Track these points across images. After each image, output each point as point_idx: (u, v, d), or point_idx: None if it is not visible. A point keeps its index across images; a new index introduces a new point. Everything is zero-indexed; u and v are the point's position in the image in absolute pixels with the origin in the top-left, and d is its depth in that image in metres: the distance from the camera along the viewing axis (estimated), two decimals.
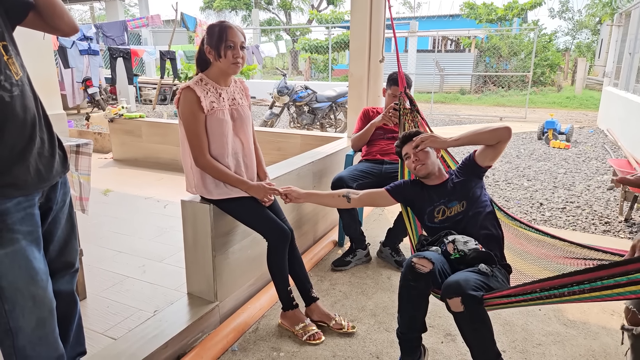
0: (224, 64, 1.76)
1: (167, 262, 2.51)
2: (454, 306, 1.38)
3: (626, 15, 8.16)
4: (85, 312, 1.99)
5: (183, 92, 1.76)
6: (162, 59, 8.89)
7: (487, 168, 1.84)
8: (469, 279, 1.40)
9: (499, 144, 1.74)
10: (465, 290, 1.36)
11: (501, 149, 1.76)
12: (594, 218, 3.59)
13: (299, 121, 7.01)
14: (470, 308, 1.36)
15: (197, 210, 1.93)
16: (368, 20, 3.35)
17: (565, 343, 1.91)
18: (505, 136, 1.73)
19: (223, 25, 1.75)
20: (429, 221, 1.85)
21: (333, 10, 21.03)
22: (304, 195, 2.01)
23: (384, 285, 2.42)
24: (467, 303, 1.35)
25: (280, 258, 1.93)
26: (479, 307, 1.37)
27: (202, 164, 1.80)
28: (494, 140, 1.74)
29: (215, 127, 1.79)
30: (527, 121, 9.17)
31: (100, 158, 5.19)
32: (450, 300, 1.38)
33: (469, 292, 1.35)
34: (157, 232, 2.95)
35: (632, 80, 7.12)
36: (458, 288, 1.37)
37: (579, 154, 5.96)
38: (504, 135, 1.73)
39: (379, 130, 2.78)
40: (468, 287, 1.37)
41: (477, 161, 1.81)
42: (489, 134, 1.74)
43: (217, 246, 1.96)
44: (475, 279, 1.42)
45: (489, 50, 15.07)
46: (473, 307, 1.36)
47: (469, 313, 1.37)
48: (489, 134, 1.74)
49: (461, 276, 1.42)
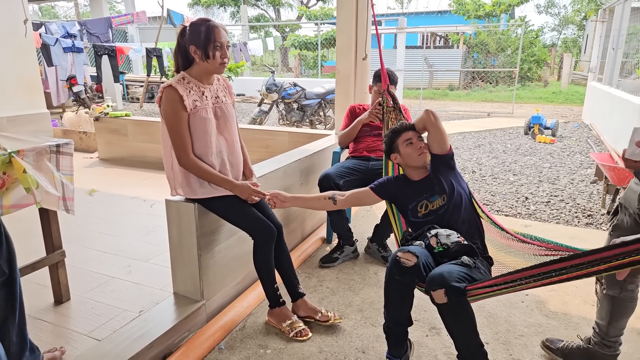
0: (212, 65, 1.75)
1: (153, 262, 2.49)
2: (437, 298, 1.40)
3: (610, 11, 8.28)
4: (69, 314, 1.98)
5: (165, 90, 1.74)
6: (149, 56, 8.78)
7: (449, 154, 1.88)
8: (452, 271, 1.43)
9: (429, 128, 1.84)
10: (448, 282, 1.38)
11: (437, 130, 1.84)
12: (577, 211, 3.65)
13: (288, 118, 7.00)
14: (454, 299, 1.38)
15: (181, 210, 1.92)
16: (354, 18, 3.35)
17: (547, 334, 1.95)
18: (426, 118, 1.84)
19: (209, 25, 1.73)
20: (413, 216, 1.87)
21: (322, 6, 20.96)
22: (290, 199, 2.01)
23: (371, 280, 2.44)
24: (451, 295, 1.38)
25: (267, 256, 1.93)
26: (462, 298, 1.39)
27: (186, 163, 1.79)
28: (420, 127, 1.87)
29: (198, 125, 1.78)
30: (514, 116, 9.28)
31: (85, 158, 5.12)
32: (434, 292, 1.40)
33: (453, 284, 1.37)
34: (143, 232, 2.93)
35: (615, 75, 7.24)
36: (442, 280, 1.39)
37: (563, 149, 6.05)
38: (424, 118, 1.85)
39: (366, 127, 2.79)
40: (451, 279, 1.39)
41: (433, 151, 1.88)
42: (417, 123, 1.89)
43: (203, 245, 1.95)
44: (458, 271, 1.44)
45: (477, 46, 15.17)
46: (456, 298, 1.38)
47: (452, 304, 1.39)
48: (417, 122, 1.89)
49: (445, 269, 1.44)
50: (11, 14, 3.67)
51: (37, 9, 24.46)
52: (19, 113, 3.79)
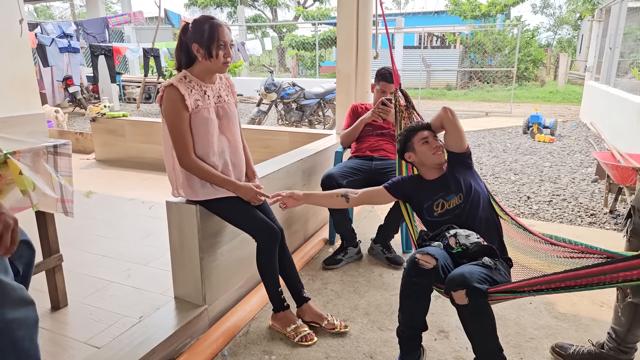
0: (215, 64, 1.71)
1: (153, 265, 2.43)
2: (458, 299, 1.35)
3: (606, 11, 8.29)
4: (66, 321, 1.92)
5: (166, 89, 1.69)
6: (146, 56, 8.71)
7: (467, 153, 1.86)
8: (474, 271, 1.38)
9: (447, 125, 1.81)
10: (470, 282, 1.33)
11: (455, 128, 1.81)
12: (580, 210, 3.62)
13: (287, 118, 6.95)
14: (475, 301, 1.34)
15: (183, 212, 1.87)
16: (355, 16, 3.31)
17: (557, 336, 1.91)
18: (444, 116, 1.82)
19: (213, 23, 1.68)
20: (429, 215, 1.82)
21: (319, 7, 20.93)
22: (304, 197, 1.98)
23: (376, 283, 2.39)
24: (472, 296, 1.33)
25: (270, 259, 1.88)
26: (484, 300, 1.35)
27: (187, 164, 1.74)
28: (437, 125, 1.85)
29: (200, 125, 1.73)
30: (513, 116, 9.27)
31: (82, 159, 5.05)
32: (455, 292, 1.35)
33: (474, 285, 1.33)
34: (143, 235, 2.87)
35: (612, 74, 7.24)
36: (463, 280, 1.35)
37: (563, 148, 6.04)
38: (442, 116, 1.81)
39: (368, 126, 2.75)
40: (473, 279, 1.34)
41: (450, 150, 1.86)
42: (434, 121, 1.88)
43: (205, 248, 1.90)
44: (479, 271, 1.40)
45: (474, 46, 15.19)
46: (478, 299, 1.34)
47: (473, 306, 1.35)
48: (434, 121, 1.88)
49: (465, 269, 1.40)
50: (6, 13, 3.60)
51: (33, 10, 24.29)
52: (14, 114, 3.72)
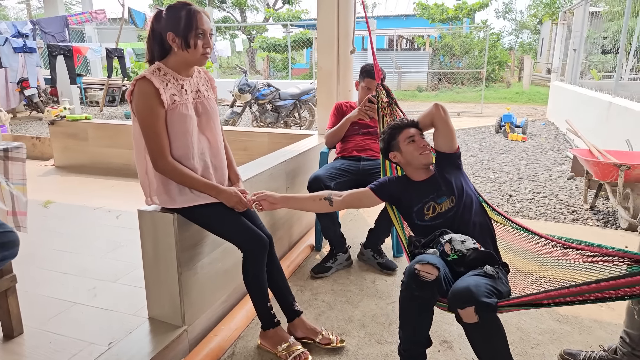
0: (193, 55, 1.52)
1: (122, 282, 2.19)
2: (467, 317, 1.22)
3: (570, 14, 8.58)
4: (22, 352, 1.66)
5: (138, 83, 1.49)
6: (109, 57, 8.27)
7: (457, 153, 1.77)
8: (480, 284, 1.25)
9: (438, 123, 1.72)
10: (478, 297, 1.20)
11: (447, 127, 1.72)
12: (562, 207, 3.63)
13: (262, 120, 6.74)
14: (485, 317, 1.21)
15: (158, 222, 1.66)
16: (336, 12, 3.18)
17: (562, 340, 1.83)
18: (435, 113, 1.71)
19: (191, 9, 1.49)
20: (419, 219, 1.70)
21: (289, 9, 20.78)
22: (281, 200, 1.79)
23: (369, 291, 2.25)
24: (482, 312, 1.20)
25: (259, 271, 1.70)
26: (494, 315, 1.23)
27: (163, 167, 1.54)
28: (427, 122, 1.75)
29: (177, 123, 1.53)
30: (483, 116, 9.45)
31: (39, 166, 4.65)
32: (463, 310, 1.22)
33: (483, 300, 1.20)
34: (110, 248, 2.60)
35: (577, 75, 7.50)
36: (470, 296, 1.21)
37: (536, 146, 6.15)
38: (434, 113, 1.72)
39: (354, 125, 2.61)
40: (480, 293, 1.21)
41: (440, 150, 1.76)
42: (423, 118, 1.76)
43: (183, 261, 1.70)
44: (485, 283, 1.27)
45: (443, 48, 15.49)
46: (488, 315, 1.21)
47: (484, 323, 1.22)
48: (423, 118, 1.77)
49: (470, 282, 1.27)
50: None
51: None
52: None
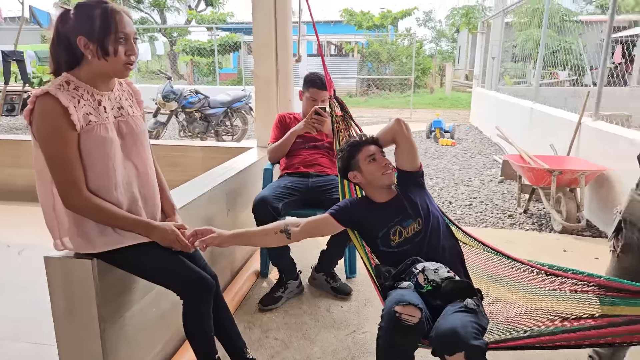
0: (113, 64, 1.21)
1: (26, 339, 1.76)
2: None
3: (488, 24, 9.26)
4: None
5: (39, 100, 1.14)
6: (6, 60, 7.18)
7: (420, 171, 1.67)
8: (466, 324, 1.13)
9: (400, 140, 1.63)
10: (468, 341, 1.08)
11: (409, 144, 1.63)
12: (498, 212, 3.78)
13: (191, 130, 6.27)
14: None
15: (71, 270, 1.32)
16: (273, 16, 2.96)
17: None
18: (397, 129, 1.63)
19: (107, 8, 1.19)
20: (384, 245, 1.56)
21: (213, 11, 20.02)
22: (230, 239, 1.54)
23: (326, 321, 2.06)
24: (473, 356, 1.08)
25: (204, 319, 1.43)
26: (484, 357, 1.11)
27: (75, 203, 1.21)
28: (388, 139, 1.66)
29: (94, 148, 1.21)
30: (413, 121, 9.81)
31: None
32: (452, 357, 1.08)
33: (472, 343, 1.08)
34: (9, 292, 2.12)
35: (497, 81, 8.11)
36: (458, 340, 1.08)
37: (465, 150, 6.46)
38: (396, 129, 1.64)
39: (299, 139, 2.42)
40: (469, 336, 1.09)
41: (402, 168, 1.65)
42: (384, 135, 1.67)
43: (107, 315, 1.37)
44: (470, 321, 1.15)
45: (370, 55, 15.98)
46: (478, 359, 1.09)
47: None
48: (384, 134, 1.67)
49: (455, 322, 1.14)
50: None
51: None
52: None
